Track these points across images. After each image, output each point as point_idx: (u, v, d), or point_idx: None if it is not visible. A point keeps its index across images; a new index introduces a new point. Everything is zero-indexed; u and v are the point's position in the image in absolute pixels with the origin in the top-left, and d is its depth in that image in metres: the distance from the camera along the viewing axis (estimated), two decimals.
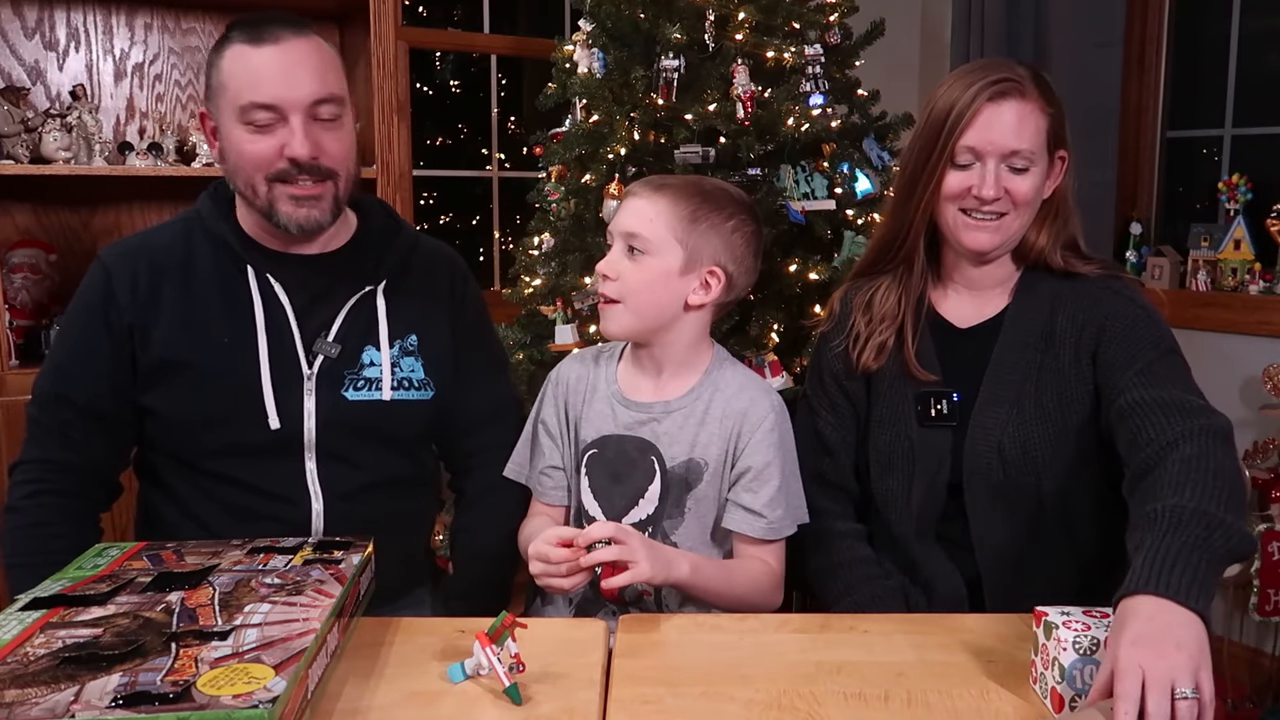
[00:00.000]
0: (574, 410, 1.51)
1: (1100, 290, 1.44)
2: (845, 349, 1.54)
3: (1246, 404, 2.77)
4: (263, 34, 1.35)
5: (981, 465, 1.43)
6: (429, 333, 1.53)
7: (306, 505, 1.44)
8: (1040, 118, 1.40)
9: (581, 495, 1.49)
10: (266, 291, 1.45)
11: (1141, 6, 3.12)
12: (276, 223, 1.41)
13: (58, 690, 0.90)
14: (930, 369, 1.48)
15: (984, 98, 1.38)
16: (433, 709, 1.06)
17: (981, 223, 1.42)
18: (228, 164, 1.41)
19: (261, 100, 1.34)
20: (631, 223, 1.40)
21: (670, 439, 1.44)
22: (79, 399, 1.43)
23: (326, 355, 1.45)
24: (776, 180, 2.36)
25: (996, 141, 1.38)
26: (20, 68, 2.67)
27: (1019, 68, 1.42)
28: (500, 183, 3.66)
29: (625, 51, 2.42)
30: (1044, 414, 1.42)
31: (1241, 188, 2.85)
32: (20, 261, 2.61)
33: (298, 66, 1.35)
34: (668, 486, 1.44)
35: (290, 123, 1.36)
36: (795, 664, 1.17)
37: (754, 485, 1.42)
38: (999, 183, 1.39)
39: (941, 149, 1.40)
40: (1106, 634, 1.01)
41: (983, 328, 1.49)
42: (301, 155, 1.36)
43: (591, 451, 1.48)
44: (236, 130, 1.37)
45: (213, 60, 1.40)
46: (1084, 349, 1.41)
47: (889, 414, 1.50)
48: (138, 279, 1.43)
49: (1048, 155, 1.42)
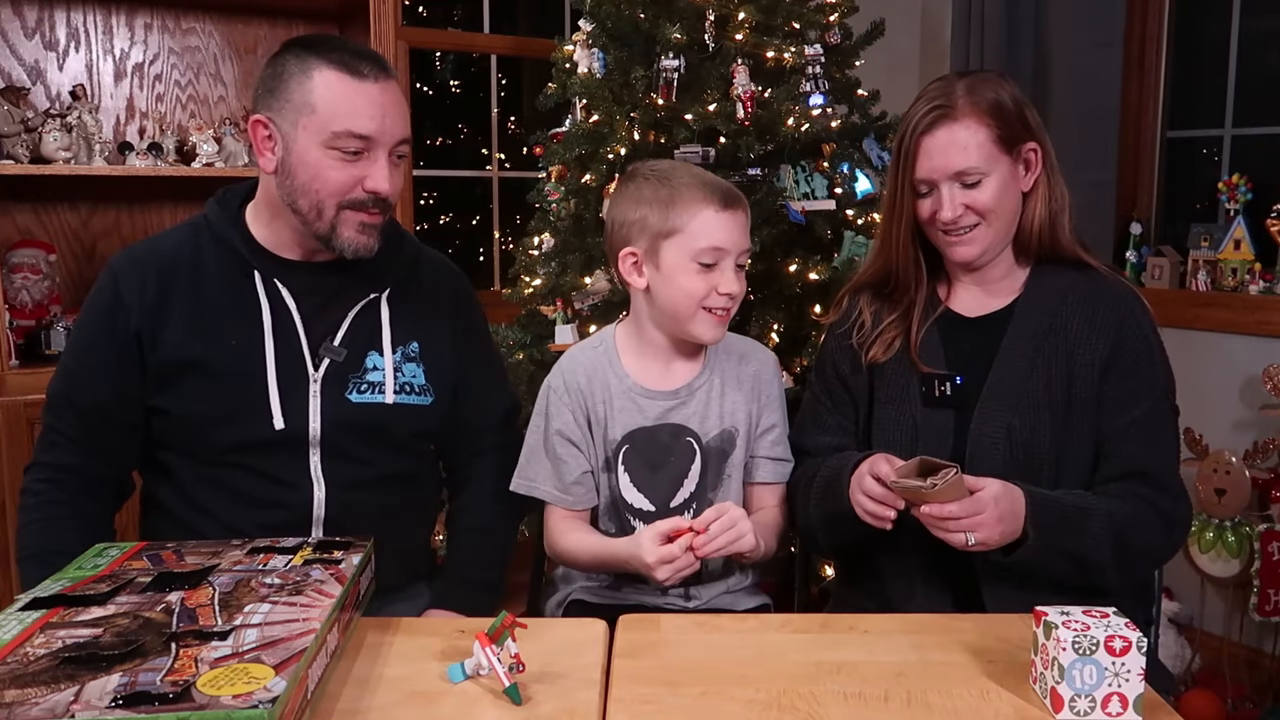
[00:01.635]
0: (596, 412, 1.54)
1: (1114, 300, 1.48)
2: (850, 343, 1.59)
3: (1246, 404, 2.77)
4: (360, 68, 1.39)
5: (986, 447, 1.45)
6: (431, 341, 1.56)
7: (309, 493, 1.47)
8: (977, 130, 1.44)
9: (621, 490, 1.54)
10: (274, 296, 1.47)
11: (1141, 6, 3.12)
12: (332, 245, 1.44)
13: (58, 690, 0.90)
14: (933, 362, 1.51)
15: (919, 130, 1.46)
16: (433, 709, 1.06)
17: (959, 238, 1.48)
18: (294, 180, 1.41)
19: (361, 132, 1.38)
20: (746, 239, 1.50)
21: (700, 417, 1.54)
22: (88, 402, 1.46)
23: (332, 359, 1.48)
24: (776, 180, 2.36)
25: (939, 168, 1.45)
26: (20, 68, 2.68)
27: (955, 85, 1.46)
28: (500, 183, 3.66)
29: (625, 51, 2.42)
30: (1051, 403, 1.45)
31: (1241, 188, 2.85)
32: (20, 261, 2.61)
33: (393, 107, 1.41)
34: (707, 461, 1.54)
35: (376, 158, 1.41)
36: (795, 664, 1.17)
37: (780, 437, 1.59)
38: (955, 202, 1.45)
39: (902, 182, 1.50)
40: (1106, 633, 1.02)
41: (991, 318, 1.53)
42: (384, 190, 1.42)
43: (625, 448, 1.53)
44: (317, 152, 1.39)
45: (289, 77, 1.39)
46: (1095, 355, 1.46)
47: (894, 394, 1.54)
48: (146, 284, 1.45)
49: (1006, 157, 1.46)
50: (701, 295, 1.46)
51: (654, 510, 1.54)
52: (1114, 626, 1.04)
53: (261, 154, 1.43)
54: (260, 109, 1.43)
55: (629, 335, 1.58)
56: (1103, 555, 1.37)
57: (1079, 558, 1.37)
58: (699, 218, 1.45)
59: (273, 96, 1.41)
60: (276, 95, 1.41)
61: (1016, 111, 1.46)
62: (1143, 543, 1.41)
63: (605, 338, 1.60)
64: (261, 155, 1.43)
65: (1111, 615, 1.07)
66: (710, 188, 1.47)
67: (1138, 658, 1.02)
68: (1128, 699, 1.03)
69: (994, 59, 3.03)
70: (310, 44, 1.42)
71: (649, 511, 1.54)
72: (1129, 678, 1.03)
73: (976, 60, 3.08)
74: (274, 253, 1.49)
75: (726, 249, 1.46)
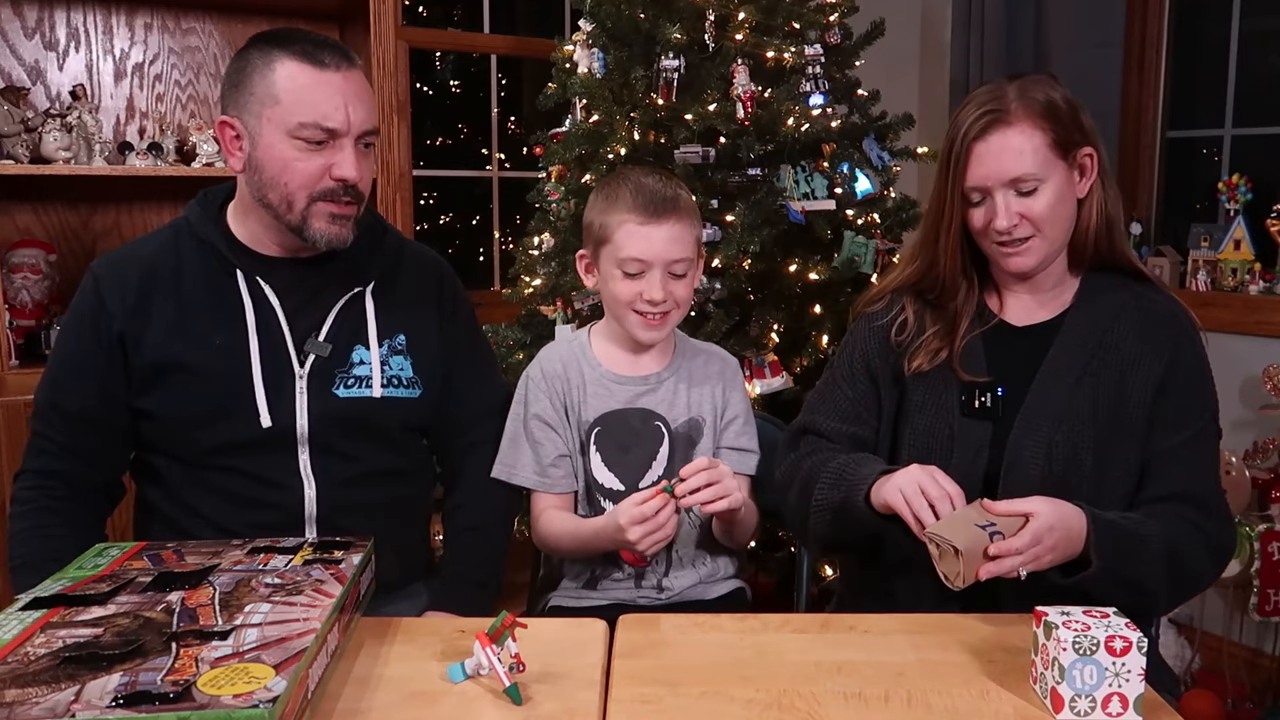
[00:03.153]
0: (570, 397, 1.60)
1: (1168, 319, 1.45)
2: (887, 335, 1.53)
3: (1246, 404, 2.77)
4: (322, 58, 1.40)
5: (1024, 459, 1.41)
6: (417, 333, 1.56)
7: (299, 491, 1.46)
8: (1033, 135, 1.38)
9: (593, 471, 1.60)
10: (257, 294, 1.47)
11: (1141, 6, 3.12)
12: (305, 237, 1.44)
13: (58, 690, 0.90)
14: (975, 371, 1.47)
15: (971, 136, 1.40)
16: (433, 709, 1.06)
17: (1014, 249, 1.43)
18: (262, 174, 1.42)
19: (325, 124, 1.39)
20: (675, 250, 1.52)
21: (669, 403, 1.61)
22: (73, 408, 1.46)
23: (318, 355, 1.48)
24: (776, 180, 2.36)
25: (994, 175, 1.39)
26: (20, 68, 2.67)
27: (1007, 88, 1.41)
28: (500, 183, 3.66)
29: (625, 51, 2.43)
30: (1096, 420, 1.41)
31: (1241, 188, 2.85)
32: (20, 261, 2.61)
33: (356, 97, 1.42)
34: (674, 446, 1.60)
35: (342, 146, 1.41)
36: (795, 664, 1.17)
37: (744, 429, 1.65)
38: (1011, 211, 1.39)
39: (953, 190, 1.44)
40: (1106, 633, 1.02)
41: (1040, 328, 1.49)
42: (351, 177, 1.42)
43: (597, 429, 1.59)
44: (283, 144, 1.39)
45: (252, 71, 1.40)
46: (1150, 377, 1.42)
47: (930, 401, 1.48)
48: (127, 287, 1.45)
49: (1062, 163, 1.40)
50: (628, 300, 1.53)
51: (624, 490, 1.58)
52: (1114, 626, 1.04)
53: (230, 154, 1.44)
54: (227, 109, 1.43)
55: (602, 330, 1.65)
56: (1159, 583, 1.33)
57: (1137, 585, 1.31)
58: (622, 229, 1.52)
59: (237, 92, 1.41)
60: (240, 90, 1.41)
61: (1071, 114, 1.41)
62: (1191, 568, 1.37)
63: (581, 333, 1.68)
64: (231, 155, 1.44)
65: (1112, 615, 1.07)
66: (641, 199, 1.51)
67: (1138, 658, 1.02)
68: (1128, 699, 1.03)
69: (994, 59, 3.03)
70: (272, 37, 1.43)
71: (619, 491, 1.58)
72: (1129, 678, 1.03)
73: (976, 60, 3.08)
74: (256, 250, 1.49)
75: (647, 260, 1.51)
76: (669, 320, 1.56)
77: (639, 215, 1.50)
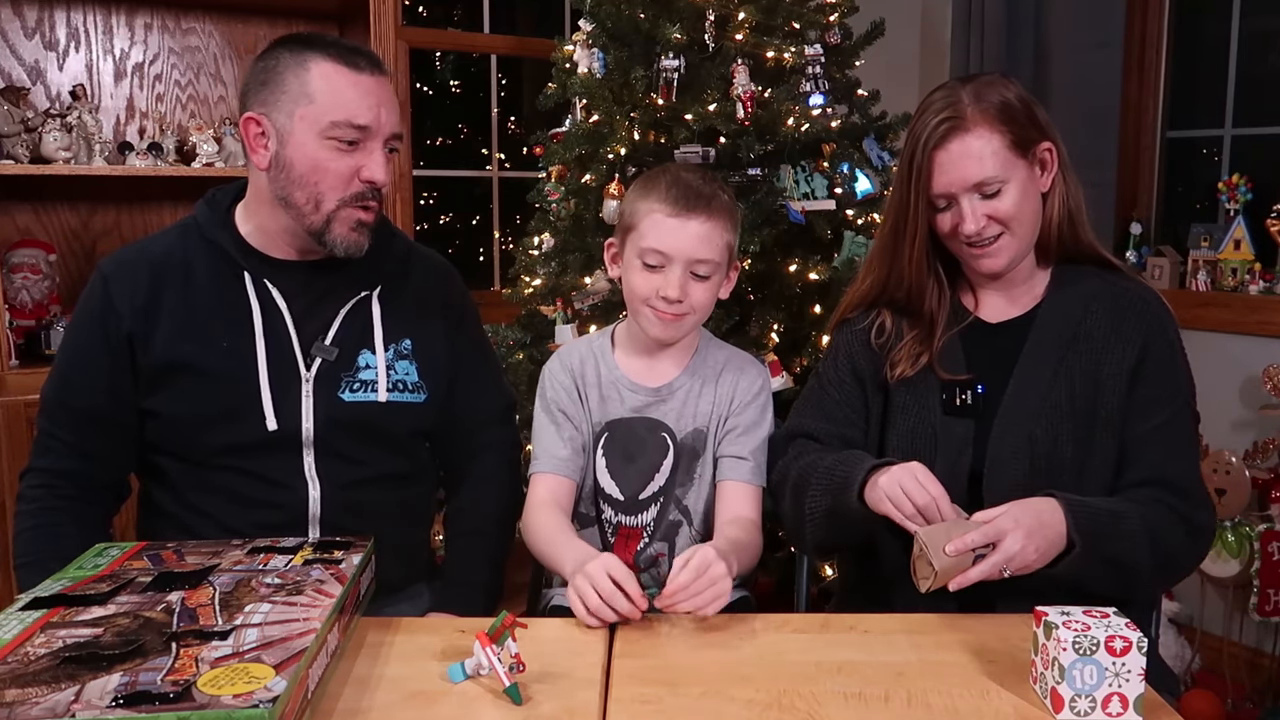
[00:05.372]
0: (586, 393, 1.59)
1: (1139, 306, 1.46)
2: (868, 338, 1.55)
3: (1246, 404, 2.77)
4: (357, 61, 1.41)
5: (1007, 455, 1.43)
6: (423, 338, 1.56)
7: (304, 493, 1.46)
8: (991, 139, 1.39)
9: (598, 475, 1.59)
10: (264, 297, 1.47)
11: (1141, 6, 3.12)
12: (324, 241, 1.44)
13: (58, 690, 0.90)
14: (955, 369, 1.48)
15: (931, 144, 1.41)
16: (433, 709, 1.06)
17: (984, 249, 1.44)
18: (290, 173, 1.41)
19: (359, 122, 1.40)
20: (701, 250, 1.47)
21: (677, 414, 1.58)
22: (81, 406, 1.46)
23: (324, 358, 1.48)
24: (776, 180, 2.36)
25: (958, 182, 1.41)
26: (20, 68, 2.68)
27: (961, 93, 1.41)
28: (500, 183, 3.66)
29: (625, 51, 2.42)
30: (1074, 412, 1.43)
31: (1241, 188, 2.85)
32: (20, 261, 2.61)
33: (388, 101, 1.44)
34: (679, 458, 1.58)
35: (371, 150, 1.42)
36: (795, 664, 1.17)
37: (740, 438, 1.57)
38: (978, 215, 1.41)
39: (917, 198, 1.44)
40: (1106, 633, 1.02)
41: (1014, 323, 1.50)
42: (380, 180, 1.43)
43: (605, 435, 1.58)
44: (314, 143, 1.40)
45: (284, 70, 1.40)
46: (1123, 365, 1.43)
47: (913, 402, 1.50)
48: (136, 287, 1.45)
49: (1022, 161, 1.42)
50: (644, 294, 1.50)
51: (623, 499, 1.58)
52: (1114, 626, 1.04)
53: (255, 151, 1.43)
54: (252, 106, 1.42)
55: (624, 332, 1.63)
56: (1140, 557, 1.33)
57: (1118, 562, 1.32)
58: (649, 218, 1.48)
59: (265, 89, 1.41)
60: (270, 88, 1.41)
61: (1026, 112, 1.42)
62: (1172, 547, 1.38)
63: (604, 332, 1.66)
64: (255, 152, 1.43)
65: (1112, 615, 1.07)
66: (675, 191, 1.47)
67: (1138, 658, 1.03)
68: (1128, 699, 1.03)
69: (994, 59, 3.03)
70: (304, 39, 1.43)
71: (619, 500, 1.58)
72: (1129, 678, 1.03)
73: (976, 60, 3.08)
74: (264, 253, 1.49)
75: (669, 254, 1.47)
76: (684, 322, 1.51)
77: (668, 207, 1.46)
